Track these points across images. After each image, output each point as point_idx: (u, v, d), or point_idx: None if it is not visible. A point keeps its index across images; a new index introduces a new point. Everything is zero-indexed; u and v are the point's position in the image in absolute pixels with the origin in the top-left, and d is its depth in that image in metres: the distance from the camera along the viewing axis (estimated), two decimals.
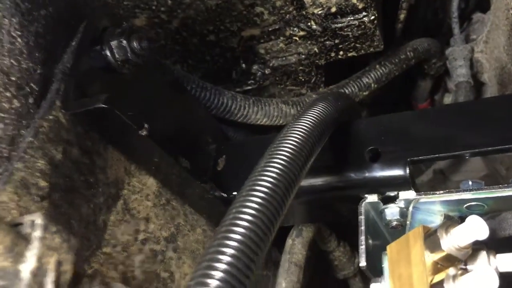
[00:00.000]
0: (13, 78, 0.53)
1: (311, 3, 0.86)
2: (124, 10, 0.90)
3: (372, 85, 1.04)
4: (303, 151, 0.51)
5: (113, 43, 0.60)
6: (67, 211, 0.54)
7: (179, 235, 0.70)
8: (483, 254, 0.51)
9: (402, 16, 1.06)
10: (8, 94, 0.52)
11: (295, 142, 0.51)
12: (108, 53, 0.60)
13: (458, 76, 1.18)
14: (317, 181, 0.69)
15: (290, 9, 0.88)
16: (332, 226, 0.91)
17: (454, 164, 1.24)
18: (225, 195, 0.72)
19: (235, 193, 0.72)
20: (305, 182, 0.70)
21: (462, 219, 0.62)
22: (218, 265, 0.39)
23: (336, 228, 0.92)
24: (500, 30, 1.05)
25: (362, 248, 0.62)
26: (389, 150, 0.65)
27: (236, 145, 0.79)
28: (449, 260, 0.50)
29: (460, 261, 0.50)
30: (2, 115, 0.51)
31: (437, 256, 0.50)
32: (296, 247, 0.76)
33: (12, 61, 0.53)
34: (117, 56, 0.60)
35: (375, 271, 0.63)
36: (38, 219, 0.39)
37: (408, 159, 0.63)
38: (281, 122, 0.93)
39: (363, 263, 0.61)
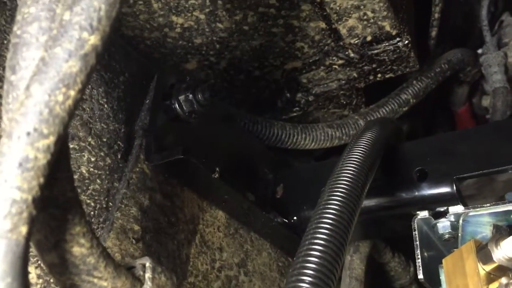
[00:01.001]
0: (104, 139, 0.62)
1: (347, 35, 0.93)
2: (177, 57, 0.99)
3: (411, 100, 1.10)
4: (359, 181, 0.58)
5: (181, 98, 0.69)
6: (157, 249, 0.62)
7: (248, 259, 0.77)
8: None
9: (433, 34, 1.11)
10: (101, 153, 0.61)
11: (352, 173, 0.58)
12: (177, 106, 0.69)
13: (494, 82, 1.21)
14: (371, 202, 0.75)
15: (328, 41, 0.95)
16: (386, 238, 0.97)
17: None
18: (286, 220, 0.79)
19: (295, 218, 0.80)
20: (364, 203, 0.77)
21: (511, 228, 0.68)
22: None
23: (389, 239, 0.97)
24: None
25: (419, 261, 0.68)
26: (435, 169, 0.71)
27: (292, 173, 0.86)
28: (501, 270, 0.55)
29: (510, 270, 0.55)
30: (99, 172, 0.61)
31: (489, 267, 0.55)
32: (355, 262, 0.82)
33: (102, 125, 0.63)
34: (185, 108, 0.69)
35: (432, 281, 0.69)
36: (148, 262, 0.47)
37: (454, 177, 0.69)
38: (328, 145, 1.00)
39: (421, 276, 0.67)
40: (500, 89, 1.20)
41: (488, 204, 0.67)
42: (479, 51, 1.33)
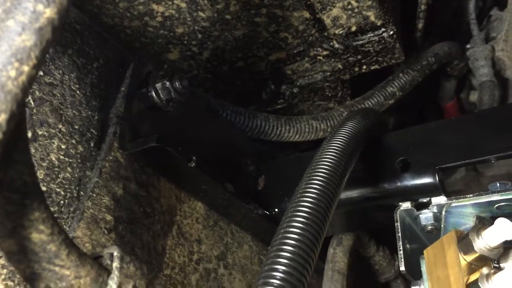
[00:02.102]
0: (76, 127, 0.60)
1: (332, 25, 0.92)
2: (158, 46, 0.97)
3: (397, 93, 1.08)
4: (338, 170, 0.56)
5: (158, 85, 0.67)
6: (131, 240, 0.60)
7: (228, 252, 0.76)
8: None
9: (420, 26, 1.10)
10: (73, 141, 0.59)
11: (330, 162, 0.57)
12: (154, 94, 0.67)
13: (481, 76, 1.21)
14: (353, 193, 0.74)
15: (313, 32, 0.94)
16: (371, 231, 0.95)
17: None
18: (267, 212, 0.77)
19: (276, 209, 0.78)
20: (342, 195, 0.75)
21: (493, 219, 0.66)
22: (272, 281, 0.44)
23: (374, 233, 0.96)
24: None
25: (401, 253, 0.67)
26: (418, 159, 0.70)
27: (274, 165, 0.85)
28: (482, 260, 0.54)
29: (492, 260, 0.54)
30: (70, 160, 0.58)
31: (470, 257, 0.54)
32: (337, 255, 0.81)
33: (74, 111, 0.60)
34: (162, 96, 0.67)
35: (415, 273, 0.67)
36: (116, 252, 0.45)
37: (437, 167, 0.67)
38: (312, 137, 0.99)
39: (402, 267, 0.66)
40: (487, 83, 1.19)
41: (471, 195, 0.66)
42: (468, 45, 1.32)
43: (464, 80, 1.47)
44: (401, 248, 0.67)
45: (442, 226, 0.68)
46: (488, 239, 0.53)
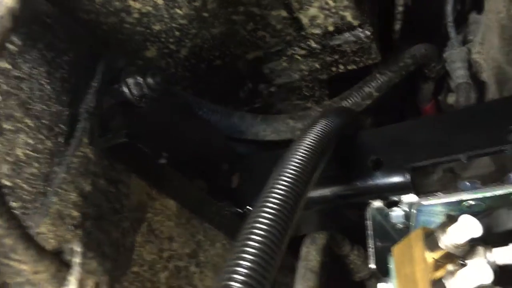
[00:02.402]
0: (45, 121, 0.59)
1: (309, 24, 0.92)
2: (135, 44, 0.96)
3: (374, 93, 1.09)
4: (307, 168, 0.56)
5: (130, 81, 0.67)
6: (98, 237, 0.60)
7: (200, 250, 0.75)
8: (479, 249, 0.56)
9: (397, 27, 1.11)
10: (41, 136, 0.59)
11: (298, 161, 0.56)
12: (126, 90, 0.67)
13: (458, 78, 1.22)
14: (326, 191, 0.74)
15: (290, 31, 0.94)
16: (346, 231, 0.96)
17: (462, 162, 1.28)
18: (240, 210, 0.77)
19: (249, 207, 0.78)
20: (315, 193, 0.75)
21: None
22: (236, 276, 0.44)
23: (349, 232, 0.96)
24: (493, 32, 1.09)
25: (371, 251, 0.67)
26: (390, 158, 0.70)
27: (247, 163, 0.85)
28: (448, 258, 0.54)
29: (458, 257, 0.54)
30: (37, 155, 0.58)
31: (436, 254, 0.54)
32: (311, 254, 0.81)
33: (42, 106, 0.59)
34: (134, 92, 0.67)
35: (385, 270, 0.68)
36: (77, 247, 0.45)
37: (408, 166, 0.68)
38: (289, 136, 0.99)
39: (372, 265, 0.66)
40: (463, 85, 1.20)
41: (441, 194, 0.67)
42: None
43: (442, 82, 1.49)
44: (371, 245, 0.67)
45: (412, 224, 0.68)
46: (453, 237, 0.53)
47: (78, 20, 0.88)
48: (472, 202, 0.65)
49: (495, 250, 0.56)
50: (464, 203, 0.66)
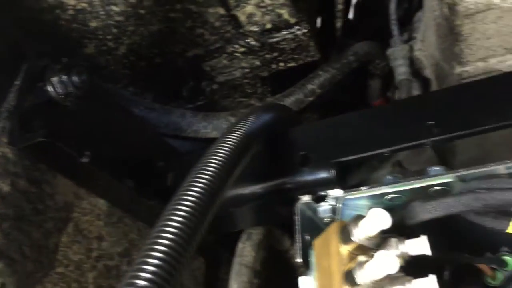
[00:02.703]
0: None
1: (247, 22, 0.93)
2: (73, 41, 0.95)
3: (316, 90, 1.11)
4: (226, 165, 0.57)
5: (54, 79, 0.66)
6: (18, 238, 0.59)
7: (134, 249, 0.75)
8: (392, 241, 0.57)
9: (338, 24, 1.13)
10: None
11: (218, 158, 0.57)
12: (50, 88, 0.66)
13: (399, 75, 1.25)
14: (257, 187, 0.75)
15: (228, 28, 0.95)
16: (287, 225, 0.97)
17: (411, 155, 1.31)
18: None
19: None
20: (246, 190, 0.77)
21: (387, 210, 0.69)
22: (142, 274, 0.44)
23: (290, 228, 0.98)
24: (430, 30, 1.12)
25: (298, 245, 0.68)
26: (317, 154, 0.71)
27: (182, 160, 0.85)
28: (361, 249, 0.56)
29: (371, 249, 0.56)
30: None
31: (350, 247, 0.56)
32: (246, 249, 0.82)
33: None
34: (58, 90, 0.66)
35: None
36: None
37: (333, 161, 0.69)
38: None
39: (299, 259, 0.67)
40: (404, 81, 1.23)
41: (364, 188, 0.68)
42: None
43: (391, 79, 1.52)
44: (298, 240, 0.68)
45: (338, 218, 0.70)
46: (364, 229, 0.55)
47: (12, 17, 0.86)
48: (393, 195, 0.67)
49: (407, 241, 0.58)
50: (386, 196, 0.68)
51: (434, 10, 1.05)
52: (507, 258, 0.70)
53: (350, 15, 1.33)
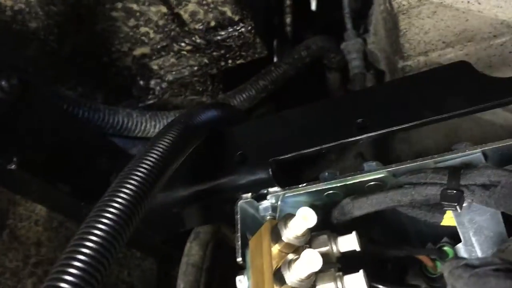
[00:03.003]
0: None
1: (190, 20, 0.92)
2: (14, 42, 0.93)
3: (269, 86, 1.11)
4: (156, 166, 0.57)
5: None
6: None
7: None
8: (323, 238, 0.58)
9: (288, 20, 1.13)
10: None
11: (148, 159, 0.57)
12: None
13: (353, 68, 1.26)
14: (198, 187, 0.75)
15: (173, 26, 0.94)
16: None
17: (371, 147, 1.33)
18: None
19: None
20: (188, 190, 0.77)
21: (326, 206, 0.70)
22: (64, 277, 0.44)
23: None
24: (379, 24, 1.14)
25: (238, 244, 0.68)
26: (254, 153, 0.72)
27: (124, 161, 0.84)
28: (290, 248, 0.57)
29: (300, 247, 0.57)
30: None
31: (280, 246, 0.57)
32: (193, 249, 0.82)
33: None
34: None
35: None
36: None
37: (270, 160, 0.70)
38: None
39: (239, 258, 0.67)
40: (358, 75, 1.25)
41: (303, 185, 0.69)
42: None
43: (348, 72, 1.54)
44: (238, 239, 0.68)
45: (278, 215, 0.70)
46: (292, 228, 0.55)
47: None
48: (331, 192, 0.68)
49: (340, 238, 0.59)
50: (325, 193, 0.68)
51: (380, 4, 1.06)
52: (447, 249, 0.71)
53: (304, 10, 1.33)
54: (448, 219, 0.64)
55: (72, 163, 0.75)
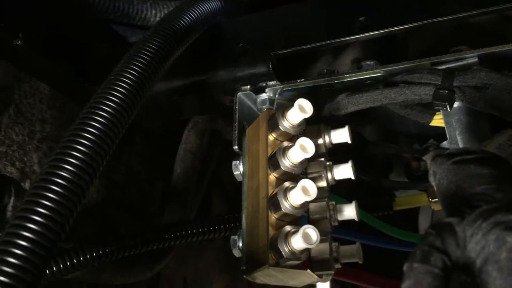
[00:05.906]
0: None
1: None
2: None
3: None
4: (156, 56, 0.57)
5: None
6: None
7: None
8: (317, 127, 0.62)
9: None
10: None
11: (148, 49, 0.57)
12: None
13: None
14: (199, 77, 0.76)
15: None
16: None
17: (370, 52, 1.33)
18: None
19: None
20: (189, 79, 0.78)
21: None
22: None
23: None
24: None
25: (235, 133, 0.72)
26: (255, 46, 0.73)
27: (124, 49, 0.84)
28: (286, 136, 0.60)
29: (295, 136, 0.60)
30: None
31: (276, 134, 0.60)
32: (190, 136, 0.86)
33: None
34: None
35: None
36: None
37: (271, 53, 0.71)
38: None
39: (235, 146, 0.71)
40: None
41: (302, 80, 0.71)
42: None
43: None
44: (236, 128, 0.71)
45: (274, 109, 0.73)
46: (290, 117, 0.58)
47: None
48: (328, 88, 0.70)
49: (332, 131, 0.62)
50: (321, 89, 0.71)
51: None
52: (432, 149, 0.76)
53: None
54: (437, 120, 0.68)
55: (74, 45, 0.75)
